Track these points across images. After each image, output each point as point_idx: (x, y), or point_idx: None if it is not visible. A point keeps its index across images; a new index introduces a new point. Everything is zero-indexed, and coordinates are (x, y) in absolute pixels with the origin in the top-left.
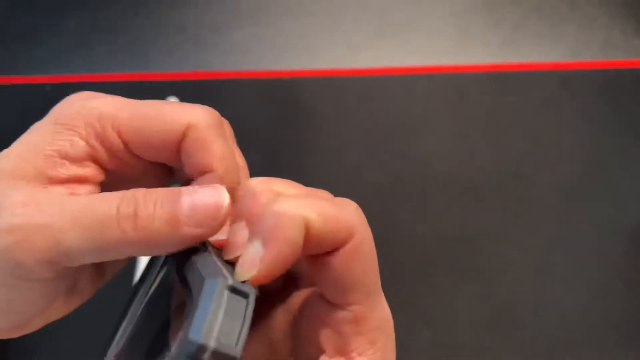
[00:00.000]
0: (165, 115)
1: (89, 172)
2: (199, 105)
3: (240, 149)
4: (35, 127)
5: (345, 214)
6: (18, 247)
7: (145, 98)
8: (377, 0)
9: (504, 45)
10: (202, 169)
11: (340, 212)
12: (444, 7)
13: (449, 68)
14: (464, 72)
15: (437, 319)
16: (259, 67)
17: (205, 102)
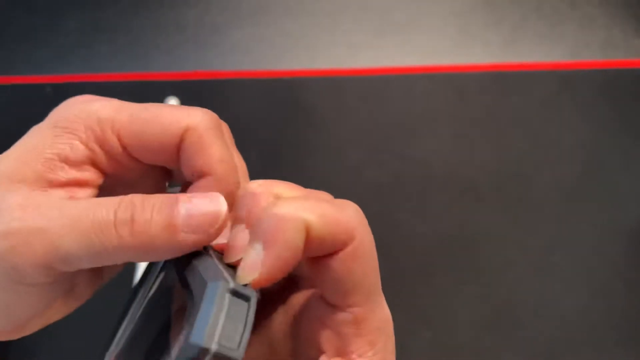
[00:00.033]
0: (164, 118)
1: (89, 176)
2: (198, 108)
3: (240, 149)
4: (35, 130)
5: (346, 216)
6: (15, 251)
7: (146, 98)
8: (377, 0)
9: (504, 45)
10: (201, 172)
11: (341, 214)
12: (444, 7)
13: (449, 68)
14: (464, 72)
15: (437, 319)
16: (259, 67)
17: (205, 102)
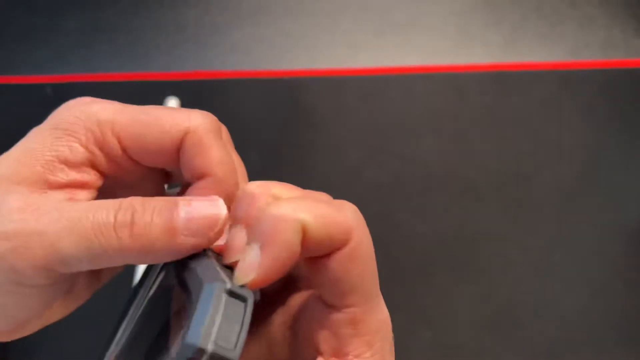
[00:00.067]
0: (164, 121)
1: (88, 178)
2: (197, 110)
3: (240, 149)
4: (35, 131)
5: (343, 216)
6: (15, 253)
7: (145, 98)
8: (377, 0)
9: (504, 45)
10: (200, 174)
11: (338, 215)
12: (444, 7)
13: (449, 68)
14: (464, 72)
15: (437, 319)
16: (259, 67)
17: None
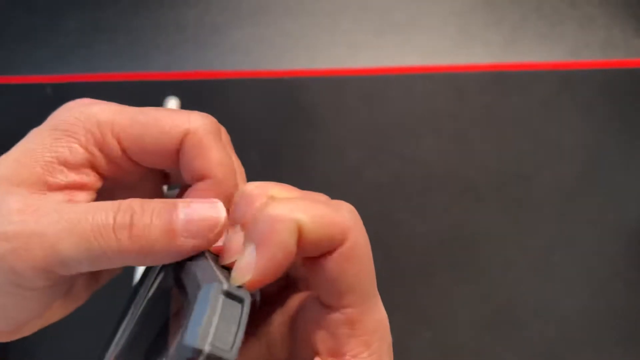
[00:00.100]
0: (164, 122)
1: (88, 179)
2: (197, 112)
3: (240, 149)
4: (34, 132)
5: (339, 216)
6: (14, 255)
7: (145, 98)
8: (377, 0)
9: (504, 45)
10: (200, 175)
11: (334, 215)
12: (444, 7)
13: (449, 68)
14: (464, 72)
15: (437, 319)
16: (259, 67)
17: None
